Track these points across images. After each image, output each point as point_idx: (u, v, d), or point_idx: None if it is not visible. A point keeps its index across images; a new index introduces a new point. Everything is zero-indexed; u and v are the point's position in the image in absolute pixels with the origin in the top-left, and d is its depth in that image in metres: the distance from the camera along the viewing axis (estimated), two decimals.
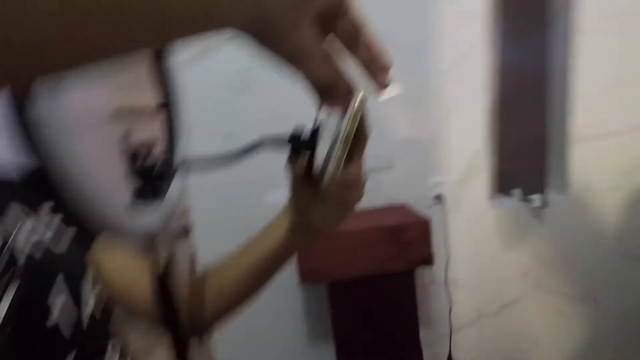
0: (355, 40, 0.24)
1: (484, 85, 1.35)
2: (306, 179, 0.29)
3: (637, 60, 1.37)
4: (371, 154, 0.31)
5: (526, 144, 1.43)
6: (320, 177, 0.27)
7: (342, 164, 0.26)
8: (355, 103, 0.25)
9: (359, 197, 0.32)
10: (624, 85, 1.38)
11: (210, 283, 0.41)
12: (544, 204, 1.30)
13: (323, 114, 0.32)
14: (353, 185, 0.30)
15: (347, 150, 0.26)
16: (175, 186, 0.40)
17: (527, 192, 1.40)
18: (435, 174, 1.34)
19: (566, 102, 1.38)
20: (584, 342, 1.50)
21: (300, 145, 0.29)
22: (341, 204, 0.33)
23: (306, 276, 1.07)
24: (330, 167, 0.26)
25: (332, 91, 0.24)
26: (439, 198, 1.32)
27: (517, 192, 1.43)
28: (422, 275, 1.33)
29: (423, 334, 1.23)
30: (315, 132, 0.29)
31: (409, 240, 1.00)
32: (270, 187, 1.23)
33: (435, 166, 1.33)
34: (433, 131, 1.34)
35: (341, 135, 0.26)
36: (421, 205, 1.30)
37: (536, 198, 1.31)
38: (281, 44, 0.19)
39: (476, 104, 1.34)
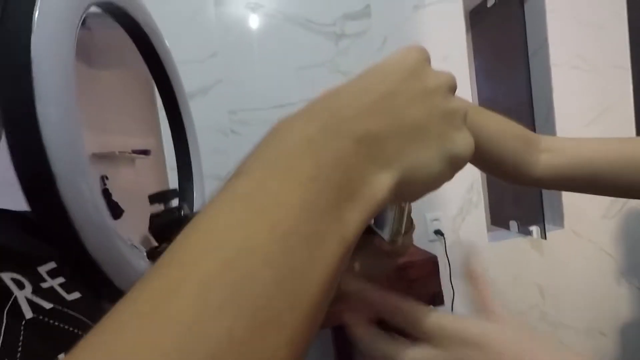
0: None
1: None
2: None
3: (610, 92, 1.45)
4: None
5: None
6: (386, 231, 0.25)
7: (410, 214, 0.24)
8: None
9: (404, 253, 0.29)
10: (600, 116, 1.45)
11: None
12: (543, 236, 1.31)
13: None
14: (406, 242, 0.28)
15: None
16: None
17: (523, 224, 1.41)
18: (434, 209, 1.34)
19: (552, 135, 1.44)
20: None
21: None
22: (383, 262, 0.30)
23: None
24: (395, 221, 0.24)
25: None
26: (439, 233, 1.31)
27: (513, 225, 1.45)
28: None
29: None
30: None
31: (416, 279, 0.98)
32: None
33: (433, 201, 1.34)
34: None
35: None
36: (421, 242, 1.29)
37: (534, 230, 1.32)
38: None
39: None
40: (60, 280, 0.34)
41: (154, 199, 0.31)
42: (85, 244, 0.18)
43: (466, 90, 1.36)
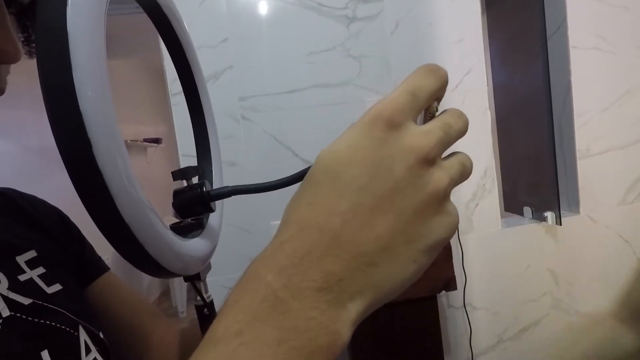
0: None
1: (487, 106, 1.38)
2: None
3: (632, 74, 1.41)
4: None
5: (533, 162, 1.44)
6: None
7: None
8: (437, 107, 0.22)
9: None
10: (622, 100, 1.41)
11: None
12: (558, 222, 1.30)
13: None
14: None
15: None
16: (217, 216, 0.39)
17: (538, 210, 1.40)
18: None
19: (569, 119, 1.41)
20: None
21: None
22: None
23: None
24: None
25: None
26: None
27: (527, 211, 1.43)
28: (439, 299, 1.29)
29: None
30: None
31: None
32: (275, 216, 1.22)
33: None
34: None
35: None
36: None
37: (549, 215, 1.31)
38: None
39: (481, 124, 1.35)
40: (40, 270, 0.34)
41: (176, 175, 0.31)
42: (120, 210, 0.19)
43: (481, 76, 1.34)
